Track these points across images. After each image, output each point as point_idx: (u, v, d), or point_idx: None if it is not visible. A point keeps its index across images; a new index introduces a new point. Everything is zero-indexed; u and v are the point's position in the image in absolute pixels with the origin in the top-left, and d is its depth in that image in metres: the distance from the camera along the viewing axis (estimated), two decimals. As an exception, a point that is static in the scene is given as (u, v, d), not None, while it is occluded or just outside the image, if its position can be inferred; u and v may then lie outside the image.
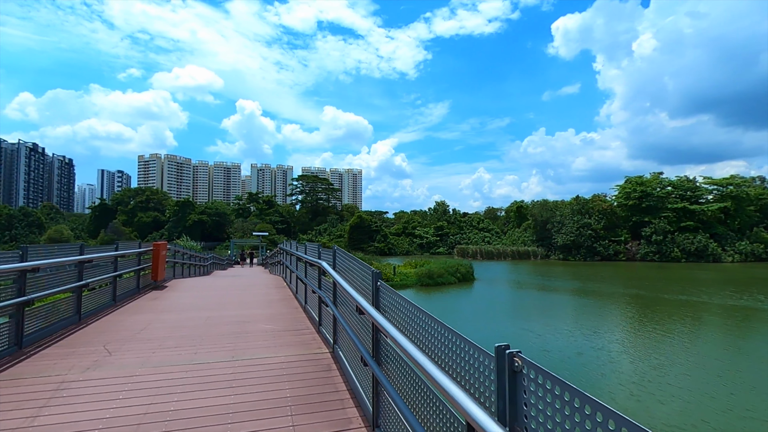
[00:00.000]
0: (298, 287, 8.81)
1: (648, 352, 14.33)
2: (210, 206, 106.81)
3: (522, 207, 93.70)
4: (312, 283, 6.42)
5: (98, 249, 7.02)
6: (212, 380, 3.93)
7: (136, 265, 9.28)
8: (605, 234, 68.39)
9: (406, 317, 2.57)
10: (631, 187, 71.09)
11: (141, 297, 8.93)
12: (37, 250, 5.09)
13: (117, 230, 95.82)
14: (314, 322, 6.22)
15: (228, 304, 8.20)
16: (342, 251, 4.60)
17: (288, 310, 7.52)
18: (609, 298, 28.21)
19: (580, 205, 73.85)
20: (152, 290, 10.02)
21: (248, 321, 6.48)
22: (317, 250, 5.94)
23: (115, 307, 7.58)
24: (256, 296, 9.29)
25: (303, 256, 7.28)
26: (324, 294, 5.37)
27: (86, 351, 4.76)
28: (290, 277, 10.62)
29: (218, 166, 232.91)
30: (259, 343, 5.22)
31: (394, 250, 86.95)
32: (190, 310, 7.47)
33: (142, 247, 9.57)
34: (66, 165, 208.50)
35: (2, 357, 4.43)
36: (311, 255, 6.42)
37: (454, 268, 37.95)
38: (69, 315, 6.04)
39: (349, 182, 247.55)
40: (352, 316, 3.85)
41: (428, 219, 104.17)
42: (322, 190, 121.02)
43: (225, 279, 14.88)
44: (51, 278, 5.44)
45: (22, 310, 4.75)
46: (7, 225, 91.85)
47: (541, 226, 76.49)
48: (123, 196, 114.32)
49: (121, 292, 8.27)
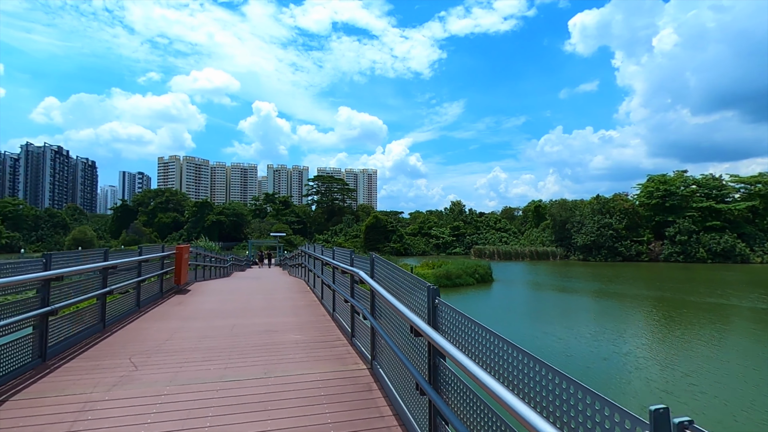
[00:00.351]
0: (324, 293, 8.50)
1: (677, 358, 13.59)
2: (227, 207, 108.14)
3: (540, 206, 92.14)
4: (343, 290, 6.08)
5: (122, 254, 6.83)
6: (245, 401, 3.62)
7: (159, 269, 9.12)
8: (627, 234, 66.57)
9: (477, 344, 2.19)
10: (653, 185, 68.95)
11: (164, 302, 8.75)
12: (61, 257, 4.87)
13: (138, 231, 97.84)
14: (345, 332, 5.88)
15: (253, 310, 7.94)
16: (381, 259, 4.24)
17: (316, 317, 7.21)
18: (633, 301, 27.22)
19: (601, 204, 72.12)
20: (175, 294, 9.86)
21: (276, 330, 6.18)
22: (350, 256, 5.59)
23: (139, 313, 7.39)
24: (281, 302, 9.02)
25: (332, 261, 6.95)
26: (359, 304, 5.02)
27: (111, 364, 4.51)
28: (314, 282, 10.34)
29: (235, 167, 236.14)
30: (290, 356, 4.90)
31: (410, 250, 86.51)
32: (216, 317, 7.22)
33: (165, 251, 9.41)
34: (89, 167, 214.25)
35: (26, 371, 4.21)
36: (342, 261, 6.09)
37: (472, 269, 37.37)
38: (93, 323, 5.84)
39: (364, 182, 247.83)
40: (399, 333, 3.48)
41: (444, 219, 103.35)
42: (337, 191, 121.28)
43: (246, 282, 14.72)
44: (75, 286, 5.23)
45: (46, 320, 4.53)
46: (33, 226, 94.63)
47: (560, 225, 75.02)
48: (143, 197, 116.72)
49: (144, 297, 8.10)
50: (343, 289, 6.09)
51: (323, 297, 8.59)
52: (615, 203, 70.92)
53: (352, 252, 5.60)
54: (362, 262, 5.00)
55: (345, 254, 6.02)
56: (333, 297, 7.12)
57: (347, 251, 5.94)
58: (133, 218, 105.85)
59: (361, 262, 5.04)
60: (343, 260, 6.07)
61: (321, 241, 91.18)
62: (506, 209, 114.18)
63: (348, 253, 5.74)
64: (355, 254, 5.55)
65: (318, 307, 8.33)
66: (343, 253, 6.19)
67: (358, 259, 5.28)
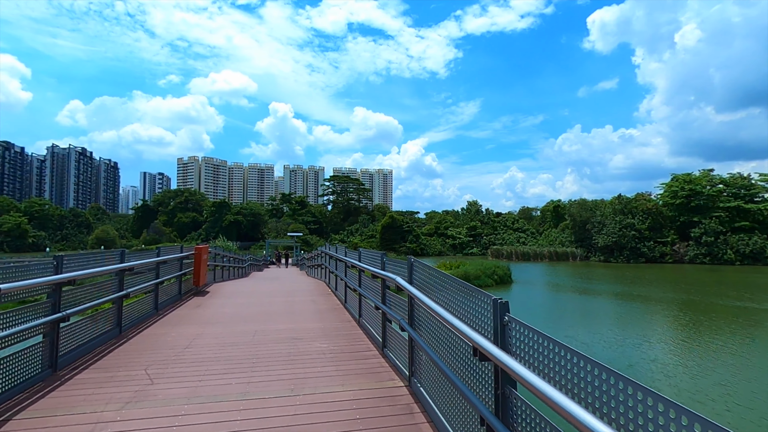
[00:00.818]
0: (348, 296, 8.07)
1: (708, 365, 12.67)
2: (245, 207, 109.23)
3: (559, 206, 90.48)
4: (372, 296, 5.63)
5: (139, 255, 6.52)
6: (271, 424, 3.18)
7: (178, 270, 8.83)
8: (650, 235, 64.49)
9: (562, 370, 1.70)
10: (678, 185, 66.56)
11: (183, 304, 8.45)
12: (74, 259, 4.54)
13: (158, 230, 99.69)
14: (375, 341, 5.42)
15: (275, 314, 7.55)
16: (422, 263, 3.75)
17: (341, 323, 6.77)
18: (658, 304, 26.03)
19: (623, 204, 70.16)
20: (194, 296, 9.58)
21: (300, 338, 5.76)
22: (380, 259, 5.13)
23: (157, 317, 7.08)
24: (303, 305, 8.62)
25: (358, 264, 6.51)
26: (392, 312, 4.54)
27: (126, 376, 4.14)
28: (336, 284, 9.93)
29: (252, 168, 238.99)
30: (318, 369, 4.46)
31: (426, 250, 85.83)
32: (236, 322, 6.85)
33: (184, 251, 9.12)
34: (112, 168, 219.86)
35: (35, 383, 3.88)
36: (371, 265, 5.63)
37: (490, 270, 36.64)
38: (109, 328, 5.52)
39: (380, 182, 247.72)
40: (449, 350, 2.98)
41: (461, 219, 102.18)
42: (353, 191, 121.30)
43: (265, 283, 14.42)
44: (89, 290, 4.90)
45: (57, 327, 4.19)
46: (59, 225, 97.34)
47: (580, 226, 73.31)
48: (163, 198, 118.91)
49: (163, 300, 7.80)
50: (372, 295, 5.64)
51: (347, 300, 8.16)
52: (637, 203, 68.88)
53: (384, 255, 5.13)
54: (396, 266, 4.53)
55: (374, 257, 5.56)
56: (359, 302, 6.68)
57: (377, 254, 5.48)
58: (153, 218, 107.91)
59: (396, 266, 4.57)
60: (373, 263, 5.61)
61: (337, 241, 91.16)
62: (524, 209, 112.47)
63: (378, 256, 5.28)
64: (386, 258, 5.09)
65: (342, 311, 7.90)
66: (372, 256, 5.73)
67: (392, 263, 4.81)
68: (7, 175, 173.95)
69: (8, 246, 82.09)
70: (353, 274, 7.57)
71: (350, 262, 7.20)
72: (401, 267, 4.31)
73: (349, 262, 7.40)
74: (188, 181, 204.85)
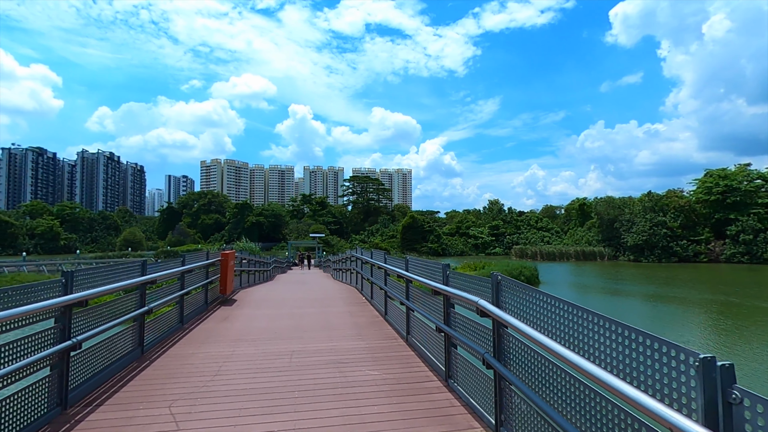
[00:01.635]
0: (390, 308, 7.27)
1: (760, 374, 11.36)
2: (266, 208, 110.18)
3: (585, 204, 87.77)
4: (427, 313, 4.79)
5: (162, 265, 5.88)
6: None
7: (204, 278, 8.21)
8: (683, 233, 61.62)
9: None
10: (712, 180, 63.21)
11: (210, 316, 7.81)
12: (86, 275, 3.88)
13: (183, 232, 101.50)
14: (435, 368, 4.58)
15: (310, 329, 6.79)
16: (514, 281, 2.91)
17: (386, 341, 5.96)
18: (695, 306, 24.36)
19: (653, 201, 67.36)
20: (221, 305, 8.96)
21: (345, 361, 4.98)
22: (442, 272, 4.28)
23: (182, 332, 6.44)
24: (339, 317, 7.85)
25: (404, 273, 5.69)
26: (467, 339, 3.69)
27: (147, 417, 3.43)
28: (372, 292, 9.14)
29: (273, 169, 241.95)
30: (374, 407, 3.65)
31: (447, 250, 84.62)
32: (269, 339, 6.12)
33: (210, 258, 8.49)
34: (138, 171, 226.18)
35: (41, 426, 3.21)
36: (427, 276, 4.79)
37: (517, 271, 35.68)
38: (128, 351, 4.86)
39: (399, 182, 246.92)
40: (578, 405, 2.13)
41: (482, 218, 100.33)
42: (373, 191, 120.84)
43: (293, 288, 13.77)
44: (104, 310, 4.24)
45: (67, 356, 3.53)
46: (88, 228, 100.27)
47: (608, 224, 70.87)
48: (188, 200, 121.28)
49: (188, 312, 7.16)
50: (428, 312, 4.81)
51: (387, 312, 7.36)
52: (669, 200, 66.02)
53: (447, 266, 4.29)
54: (467, 282, 3.69)
55: (431, 269, 4.72)
56: (407, 317, 5.86)
57: (434, 264, 4.65)
58: (178, 220, 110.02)
59: (466, 281, 3.72)
60: (429, 275, 4.77)
61: (357, 242, 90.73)
62: (547, 207, 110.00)
63: (438, 268, 4.44)
64: (449, 270, 4.25)
65: (383, 326, 7.09)
66: (428, 267, 4.89)
67: (458, 277, 3.97)
68: (40, 180, 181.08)
69: (41, 248, 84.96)
70: (397, 284, 6.76)
71: (395, 271, 6.39)
72: (477, 284, 3.47)
73: (392, 271, 6.59)
74: (211, 184, 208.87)
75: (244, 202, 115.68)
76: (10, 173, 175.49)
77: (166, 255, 60.86)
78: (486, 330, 3.28)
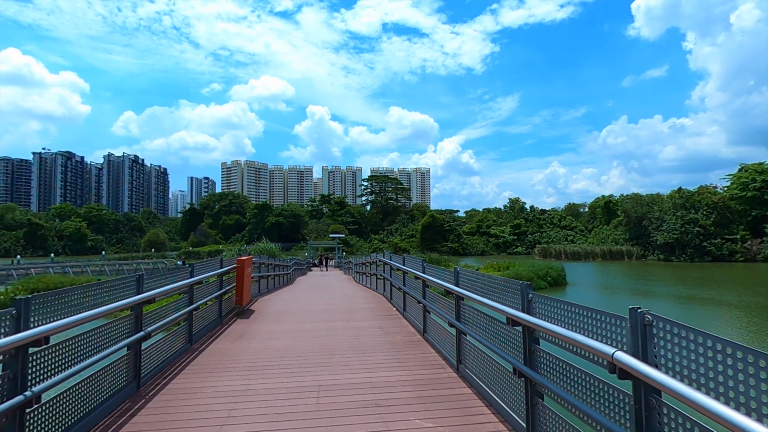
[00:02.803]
0: (428, 324, 6.20)
1: None
2: (286, 208, 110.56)
3: (611, 202, 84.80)
4: (500, 349, 3.70)
5: (163, 279, 4.94)
6: None
7: (217, 288, 7.30)
8: (716, 231, 58.32)
9: None
10: (748, 176, 59.60)
11: (223, 332, 6.86)
12: (54, 301, 2.94)
13: (204, 232, 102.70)
14: (508, 418, 3.49)
15: (338, 351, 5.74)
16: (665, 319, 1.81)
17: (433, 371, 4.87)
18: (735, 309, 22.24)
19: (684, 198, 64.10)
20: (236, 318, 8.04)
21: (386, 403, 3.92)
22: (521, 294, 3.18)
23: (190, 354, 5.51)
24: (371, 335, 6.75)
25: (454, 289, 4.61)
26: (569, 397, 2.59)
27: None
28: (405, 303, 8.07)
29: (292, 170, 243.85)
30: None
31: (468, 250, 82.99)
32: (291, 366, 5.10)
33: (224, 266, 7.57)
34: (161, 174, 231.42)
35: None
36: (493, 297, 3.70)
37: (543, 272, 34.03)
38: (120, 387, 3.93)
39: (417, 181, 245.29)
40: None
41: (503, 217, 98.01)
42: (391, 190, 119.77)
43: (315, 295, 12.80)
44: (79, 344, 3.29)
45: (20, 413, 2.59)
46: (114, 229, 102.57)
47: (636, 222, 68.04)
48: (209, 201, 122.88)
49: (199, 329, 6.24)
50: (495, 343, 3.72)
51: (426, 330, 6.28)
52: (701, 197, 62.68)
53: (527, 286, 3.18)
54: (563, 310, 2.59)
55: (505, 289, 3.62)
56: (457, 342, 4.76)
57: (506, 283, 3.55)
58: (200, 221, 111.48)
59: (557, 309, 2.63)
60: (498, 296, 3.68)
61: (377, 241, 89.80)
62: (570, 205, 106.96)
63: (514, 287, 3.34)
64: (531, 292, 3.15)
65: (423, 346, 5.99)
66: (493, 285, 3.80)
67: (544, 301, 2.87)
68: (69, 182, 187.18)
69: (70, 249, 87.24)
70: (437, 296, 5.69)
71: (439, 285, 5.30)
72: (590, 319, 2.36)
73: (435, 284, 5.51)
74: (232, 185, 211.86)
75: (264, 202, 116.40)
76: (41, 177, 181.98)
77: (187, 256, 61.27)
78: (620, 398, 2.17)
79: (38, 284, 26.03)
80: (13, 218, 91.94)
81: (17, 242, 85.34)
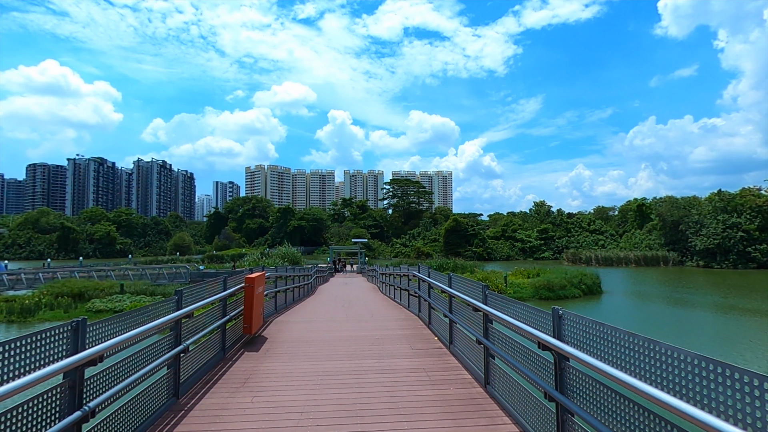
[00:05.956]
0: (493, 374, 4.56)
1: None
2: (308, 212, 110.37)
3: (644, 205, 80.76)
4: None
5: (129, 318, 3.47)
6: None
7: (219, 315, 5.86)
8: (762, 236, 54.32)
9: None
10: (795, 176, 55.40)
11: (224, 376, 5.33)
12: None
13: (228, 236, 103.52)
14: None
15: (371, 413, 4.13)
16: None
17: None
18: None
19: (725, 201, 60.24)
20: (243, 350, 6.58)
21: None
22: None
23: (172, 416, 4.07)
24: (412, 382, 4.99)
25: (520, 325, 3.02)
26: None
27: None
28: (450, 334, 6.42)
29: (314, 174, 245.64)
30: None
31: (493, 255, 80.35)
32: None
33: (228, 287, 6.10)
34: (188, 178, 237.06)
35: None
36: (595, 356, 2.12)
37: (577, 279, 31.94)
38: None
39: (439, 184, 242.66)
40: None
41: (529, 221, 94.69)
42: (413, 194, 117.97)
43: (338, 312, 11.25)
44: None
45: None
46: (142, 233, 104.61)
47: (672, 227, 64.27)
48: (233, 205, 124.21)
49: (188, 375, 4.78)
50: None
51: (489, 380, 4.63)
52: (744, 200, 58.84)
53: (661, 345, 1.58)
54: None
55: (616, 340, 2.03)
56: (559, 423, 3.14)
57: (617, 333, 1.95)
58: (224, 224, 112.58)
59: None
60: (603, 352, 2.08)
61: (399, 245, 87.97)
62: (599, 209, 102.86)
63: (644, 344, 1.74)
64: None
65: (488, 406, 4.32)
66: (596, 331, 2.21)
67: None
68: (101, 187, 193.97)
69: (100, 252, 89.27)
70: (507, 339, 4.07)
71: (522, 331, 3.67)
72: None
73: (497, 318, 3.89)
74: (255, 189, 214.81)
75: (287, 206, 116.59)
76: (75, 182, 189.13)
77: (211, 259, 61.18)
78: None
79: (63, 288, 25.97)
80: (48, 222, 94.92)
81: (51, 245, 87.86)
